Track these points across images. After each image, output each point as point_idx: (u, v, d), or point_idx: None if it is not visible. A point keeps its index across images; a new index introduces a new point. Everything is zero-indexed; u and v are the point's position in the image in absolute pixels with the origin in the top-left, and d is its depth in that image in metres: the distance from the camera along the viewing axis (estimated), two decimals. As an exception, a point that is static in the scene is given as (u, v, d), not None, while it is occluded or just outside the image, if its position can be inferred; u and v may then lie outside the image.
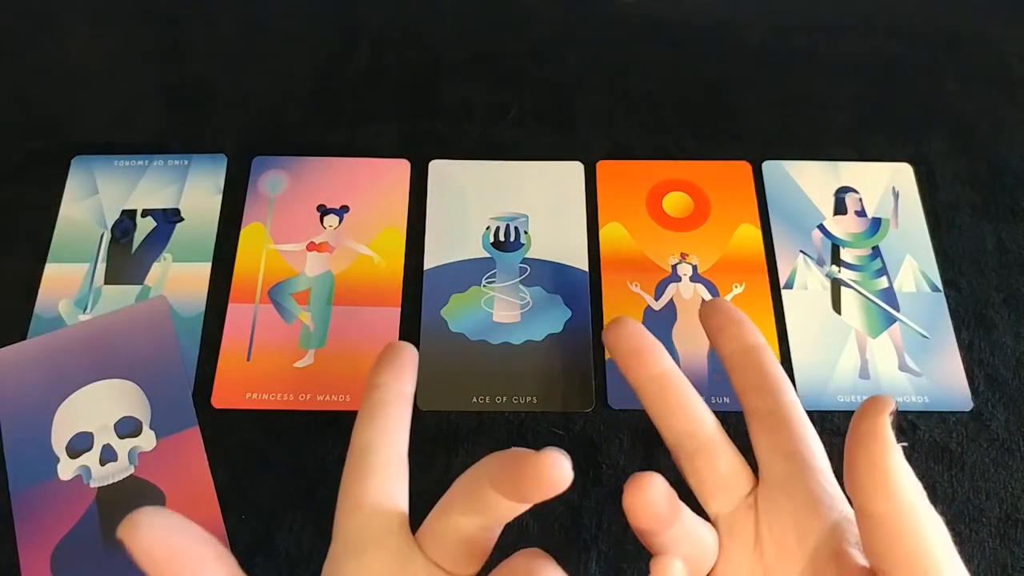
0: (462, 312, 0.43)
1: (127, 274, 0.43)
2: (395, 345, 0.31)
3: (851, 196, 0.46)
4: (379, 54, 0.51)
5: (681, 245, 0.45)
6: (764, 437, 0.28)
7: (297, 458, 0.39)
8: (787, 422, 0.28)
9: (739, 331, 0.31)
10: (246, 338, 0.42)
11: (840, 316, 0.43)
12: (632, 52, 0.52)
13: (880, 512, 0.24)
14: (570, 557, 0.37)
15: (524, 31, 0.53)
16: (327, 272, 0.44)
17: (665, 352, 0.30)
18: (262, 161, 0.47)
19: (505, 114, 0.49)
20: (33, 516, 0.37)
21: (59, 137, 0.48)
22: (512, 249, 0.45)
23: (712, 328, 0.31)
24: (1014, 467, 0.39)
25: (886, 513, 0.23)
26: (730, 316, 0.31)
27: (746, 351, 0.30)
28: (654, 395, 0.29)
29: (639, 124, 0.49)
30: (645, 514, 0.25)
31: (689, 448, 0.28)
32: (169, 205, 0.45)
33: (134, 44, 0.52)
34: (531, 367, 0.41)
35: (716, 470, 0.28)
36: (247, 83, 0.50)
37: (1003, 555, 0.37)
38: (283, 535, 0.37)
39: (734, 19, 0.53)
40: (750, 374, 0.30)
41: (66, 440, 0.39)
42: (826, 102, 0.50)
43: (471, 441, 0.40)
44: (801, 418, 0.29)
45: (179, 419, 0.39)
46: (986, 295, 0.44)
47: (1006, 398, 0.41)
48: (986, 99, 0.50)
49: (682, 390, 0.29)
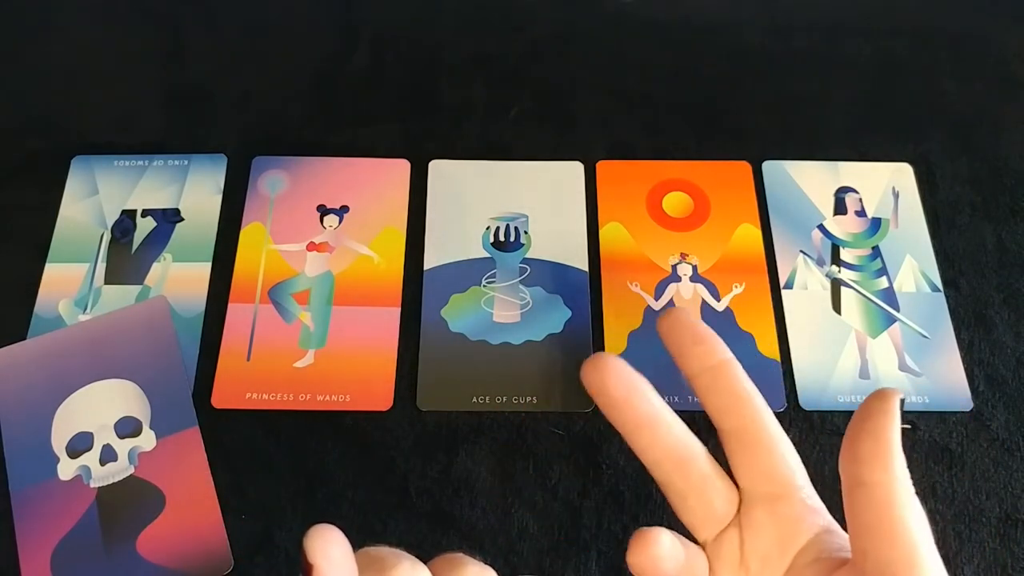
0: (462, 312, 0.43)
1: (127, 274, 0.43)
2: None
3: (851, 196, 0.46)
4: (379, 54, 0.51)
5: (681, 245, 0.45)
6: (741, 457, 0.28)
7: (297, 458, 0.39)
8: (762, 441, 0.28)
9: (704, 350, 0.29)
10: (246, 338, 0.42)
11: (840, 316, 0.43)
12: (632, 52, 0.52)
13: (876, 481, 0.25)
14: (570, 557, 0.37)
15: (524, 31, 0.53)
16: (327, 272, 0.44)
17: (648, 391, 0.28)
18: (262, 161, 0.47)
19: (506, 113, 0.49)
20: (33, 516, 0.37)
21: (59, 137, 0.48)
22: (512, 249, 0.45)
23: (673, 345, 0.30)
24: (1014, 467, 0.39)
25: (882, 483, 0.25)
26: (694, 334, 0.29)
27: (714, 371, 0.29)
28: (643, 443, 0.28)
29: (639, 124, 0.49)
30: (652, 570, 0.25)
31: (681, 489, 0.28)
32: (169, 205, 0.45)
33: (134, 44, 0.52)
34: (531, 367, 0.41)
35: (709, 507, 0.28)
36: (247, 83, 0.50)
37: (1003, 555, 0.37)
38: (283, 535, 0.37)
39: (734, 19, 0.53)
40: (721, 395, 0.29)
41: (66, 440, 0.39)
42: (826, 102, 0.50)
43: (471, 441, 0.40)
44: (776, 435, 0.28)
45: (179, 419, 0.39)
46: (986, 295, 0.44)
47: (1006, 398, 0.41)
48: (986, 99, 0.50)
49: (670, 433, 0.28)
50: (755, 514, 0.27)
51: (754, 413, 0.28)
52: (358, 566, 0.21)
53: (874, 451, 0.25)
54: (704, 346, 0.29)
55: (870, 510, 0.25)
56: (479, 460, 0.39)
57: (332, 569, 0.20)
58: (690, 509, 0.28)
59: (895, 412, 0.25)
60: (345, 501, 0.38)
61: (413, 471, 0.39)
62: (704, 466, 0.28)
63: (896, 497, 0.25)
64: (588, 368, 0.28)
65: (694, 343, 0.29)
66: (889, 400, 0.26)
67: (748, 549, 0.27)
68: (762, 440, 0.28)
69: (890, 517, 0.24)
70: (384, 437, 0.40)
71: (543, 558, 0.37)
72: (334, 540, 0.20)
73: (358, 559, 0.21)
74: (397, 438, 0.40)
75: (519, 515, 0.38)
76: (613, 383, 0.28)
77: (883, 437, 0.25)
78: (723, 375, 0.29)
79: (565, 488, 0.38)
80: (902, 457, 0.25)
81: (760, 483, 0.28)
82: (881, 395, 0.26)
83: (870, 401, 0.26)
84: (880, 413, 0.25)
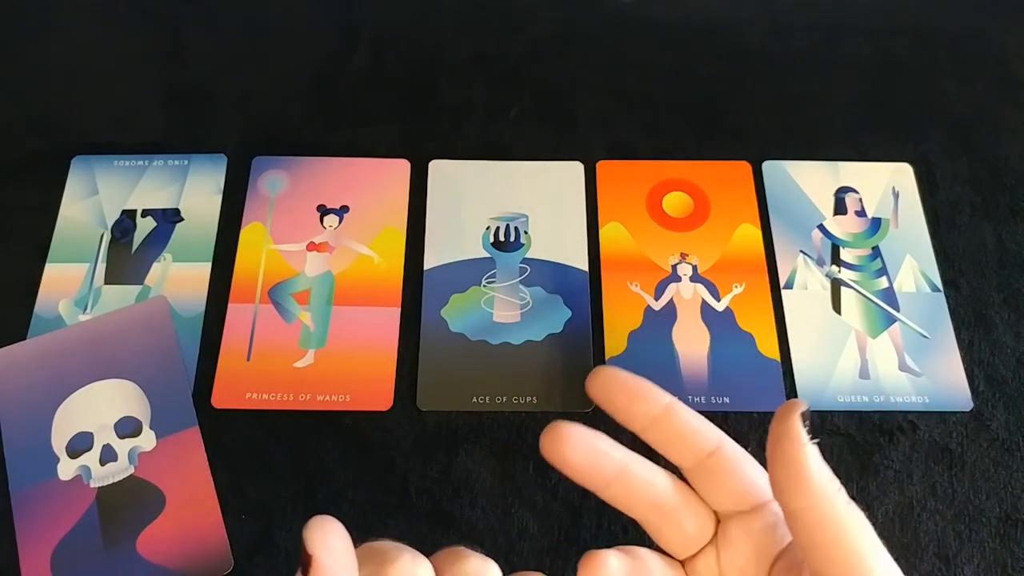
0: (462, 312, 0.43)
1: (127, 274, 0.43)
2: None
3: (851, 196, 0.46)
4: (379, 54, 0.51)
5: (681, 245, 0.45)
6: (706, 486, 0.28)
7: (297, 458, 0.39)
8: (722, 467, 0.27)
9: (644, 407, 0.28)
10: (246, 338, 0.42)
11: (840, 316, 0.43)
12: (632, 52, 0.52)
13: (801, 508, 0.24)
14: (570, 557, 0.37)
15: (524, 31, 0.53)
16: (327, 272, 0.44)
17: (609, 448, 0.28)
18: (262, 161, 0.47)
19: (506, 113, 0.49)
20: (33, 516, 0.37)
21: (59, 137, 0.48)
22: (512, 249, 0.45)
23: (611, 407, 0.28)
24: (1014, 467, 0.39)
25: (807, 509, 0.24)
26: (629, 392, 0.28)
27: (658, 421, 0.28)
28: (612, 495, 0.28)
29: (639, 124, 0.49)
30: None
31: (656, 523, 0.28)
32: (169, 205, 0.45)
33: (134, 44, 0.52)
34: (531, 367, 0.41)
35: (684, 534, 0.28)
36: (247, 83, 0.50)
37: (1003, 555, 0.37)
38: (283, 535, 0.37)
39: (734, 19, 0.53)
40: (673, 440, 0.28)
41: (66, 440, 0.39)
42: (826, 102, 0.50)
43: (471, 441, 0.40)
44: (734, 456, 0.28)
45: (179, 419, 0.39)
46: (986, 295, 0.44)
47: (1006, 398, 0.41)
48: (986, 99, 0.50)
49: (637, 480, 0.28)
50: (730, 532, 0.27)
51: (707, 445, 0.28)
52: (359, 559, 0.21)
53: (789, 479, 0.24)
54: (642, 403, 0.28)
55: (806, 534, 0.24)
56: (479, 460, 0.39)
57: (332, 560, 0.19)
58: (666, 539, 0.28)
59: (799, 433, 0.24)
60: (345, 501, 0.38)
61: (413, 471, 0.39)
62: (675, 498, 0.28)
63: (823, 517, 0.24)
64: (545, 441, 0.27)
65: (632, 402, 0.28)
66: (789, 419, 0.24)
67: (725, 565, 0.27)
68: (722, 466, 0.27)
69: (824, 539, 0.24)
70: (384, 437, 0.40)
71: (543, 558, 0.37)
72: (334, 532, 0.20)
73: (360, 553, 0.21)
74: (397, 438, 0.40)
75: (519, 515, 0.38)
76: (571, 453, 0.27)
77: (794, 462, 0.24)
78: (669, 422, 0.28)
79: (565, 488, 0.38)
80: (822, 472, 0.24)
81: (730, 504, 0.28)
82: (781, 415, 0.25)
83: (773, 425, 0.25)
84: (785, 438, 0.24)
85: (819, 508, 0.24)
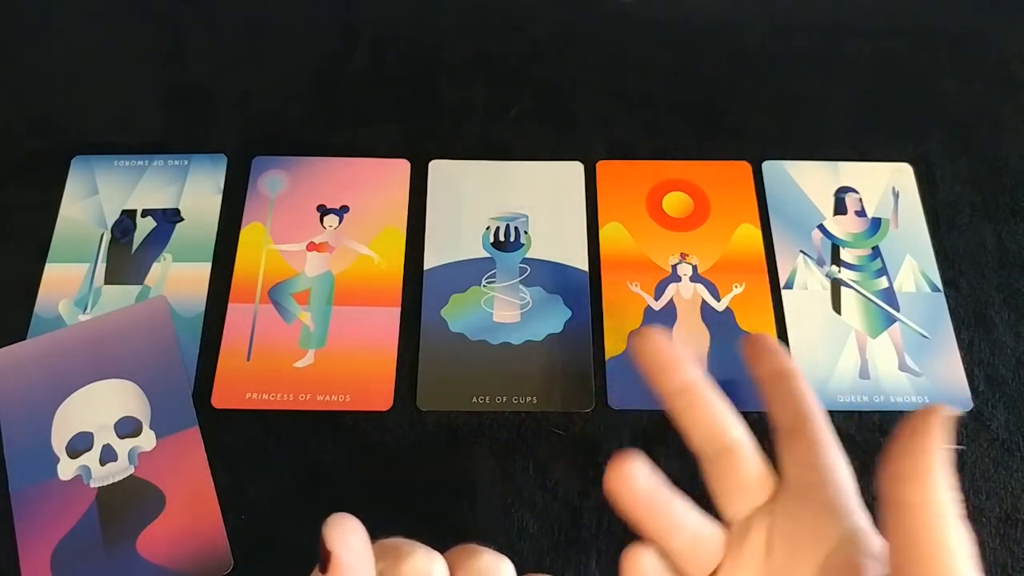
0: (462, 312, 0.43)
1: (127, 274, 0.43)
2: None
3: (851, 196, 0.46)
4: (379, 54, 0.51)
5: (681, 245, 0.45)
6: (789, 449, 0.29)
7: (297, 458, 0.39)
8: (814, 439, 0.28)
9: (773, 357, 0.31)
10: (246, 338, 0.42)
11: (840, 316, 0.43)
12: (632, 52, 0.52)
13: (913, 504, 0.24)
14: (570, 557, 0.37)
15: (524, 31, 0.53)
16: (327, 272, 0.44)
17: (690, 363, 0.30)
18: (262, 161, 0.47)
19: (506, 113, 0.49)
20: (33, 516, 0.37)
21: (59, 137, 0.48)
22: (512, 249, 0.45)
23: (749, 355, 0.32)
24: (1014, 467, 0.39)
25: (918, 506, 0.24)
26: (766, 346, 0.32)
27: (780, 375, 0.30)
28: (680, 407, 0.29)
29: (639, 124, 0.49)
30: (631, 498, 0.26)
31: (711, 452, 0.28)
32: (169, 205, 0.45)
33: (134, 44, 0.52)
34: (531, 367, 0.41)
35: (736, 474, 0.28)
36: (247, 83, 0.50)
37: (1003, 555, 0.37)
38: (283, 535, 0.37)
39: (734, 19, 0.53)
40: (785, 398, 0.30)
41: (66, 440, 0.39)
42: (826, 102, 0.50)
43: (471, 441, 0.40)
44: (830, 439, 0.29)
45: (179, 419, 0.39)
46: (986, 295, 0.44)
47: (1006, 398, 0.41)
48: (986, 99, 0.50)
49: (708, 401, 0.29)
50: (791, 501, 0.27)
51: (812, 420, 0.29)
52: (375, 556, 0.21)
53: (913, 471, 0.24)
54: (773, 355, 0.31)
55: (908, 532, 0.24)
56: (479, 460, 0.39)
57: (351, 557, 0.20)
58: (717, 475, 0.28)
59: (940, 430, 0.24)
60: (345, 501, 0.38)
61: (413, 471, 0.39)
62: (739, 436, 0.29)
63: (935, 520, 0.24)
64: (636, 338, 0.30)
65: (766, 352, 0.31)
66: (940, 416, 0.25)
67: (777, 538, 0.27)
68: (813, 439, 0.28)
69: (928, 541, 0.23)
70: (384, 437, 0.40)
71: (543, 558, 0.37)
72: (353, 529, 0.20)
73: (375, 549, 0.21)
74: (397, 438, 0.40)
75: (519, 515, 0.38)
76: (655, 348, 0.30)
77: (924, 456, 0.24)
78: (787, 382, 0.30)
79: (565, 488, 0.38)
80: (946, 478, 0.24)
81: (801, 471, 0.28)
82: (926, 411, 0.25)
83: (914, 417, 0.25)
84: (923, 431, 0.24)
85: (930, 509, 0.24)
